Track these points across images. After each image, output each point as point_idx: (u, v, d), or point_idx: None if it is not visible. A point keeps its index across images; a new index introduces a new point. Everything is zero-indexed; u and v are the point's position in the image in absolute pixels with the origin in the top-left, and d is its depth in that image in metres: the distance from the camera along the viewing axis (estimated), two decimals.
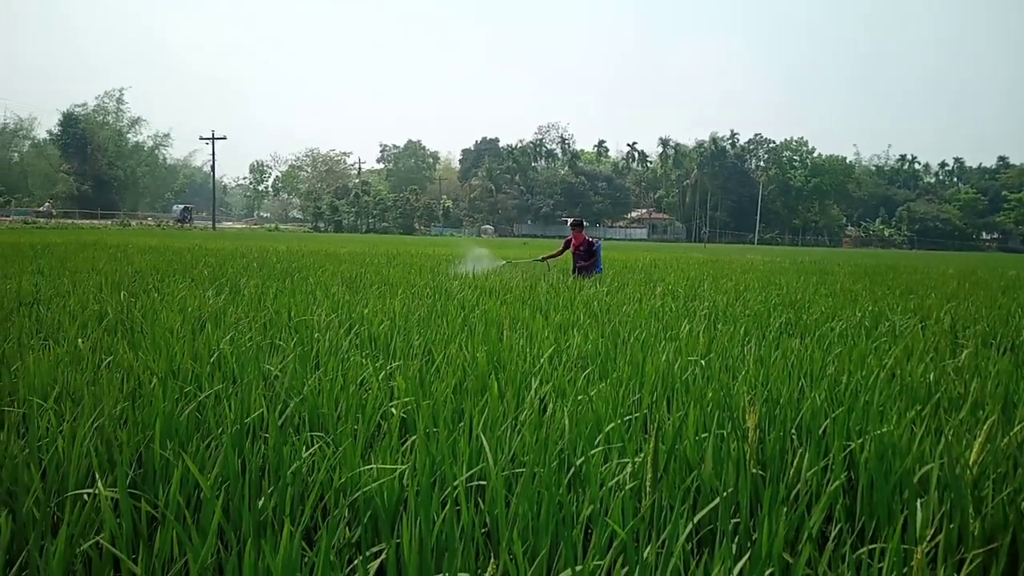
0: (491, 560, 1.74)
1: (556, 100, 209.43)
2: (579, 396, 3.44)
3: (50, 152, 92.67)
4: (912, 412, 3.13)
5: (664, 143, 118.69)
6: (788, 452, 2.80)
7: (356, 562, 1.98)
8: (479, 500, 2.45)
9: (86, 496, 2.28)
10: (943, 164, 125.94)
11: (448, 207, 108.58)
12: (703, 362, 4.32)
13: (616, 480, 2.49)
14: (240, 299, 7.18)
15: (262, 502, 2.22)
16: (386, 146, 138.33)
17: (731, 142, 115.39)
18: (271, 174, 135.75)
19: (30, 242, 19.21)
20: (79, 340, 4.57)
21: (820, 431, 2.96)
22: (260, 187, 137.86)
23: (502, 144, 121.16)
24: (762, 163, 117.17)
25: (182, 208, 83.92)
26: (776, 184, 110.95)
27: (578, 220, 12.66)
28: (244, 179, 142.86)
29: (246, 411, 3.08)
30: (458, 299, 7.66)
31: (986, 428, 2.44)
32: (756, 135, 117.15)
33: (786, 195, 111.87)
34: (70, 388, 3.41)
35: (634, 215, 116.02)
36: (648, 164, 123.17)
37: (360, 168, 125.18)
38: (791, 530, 2.21)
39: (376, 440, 3.00)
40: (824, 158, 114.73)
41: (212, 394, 3.28)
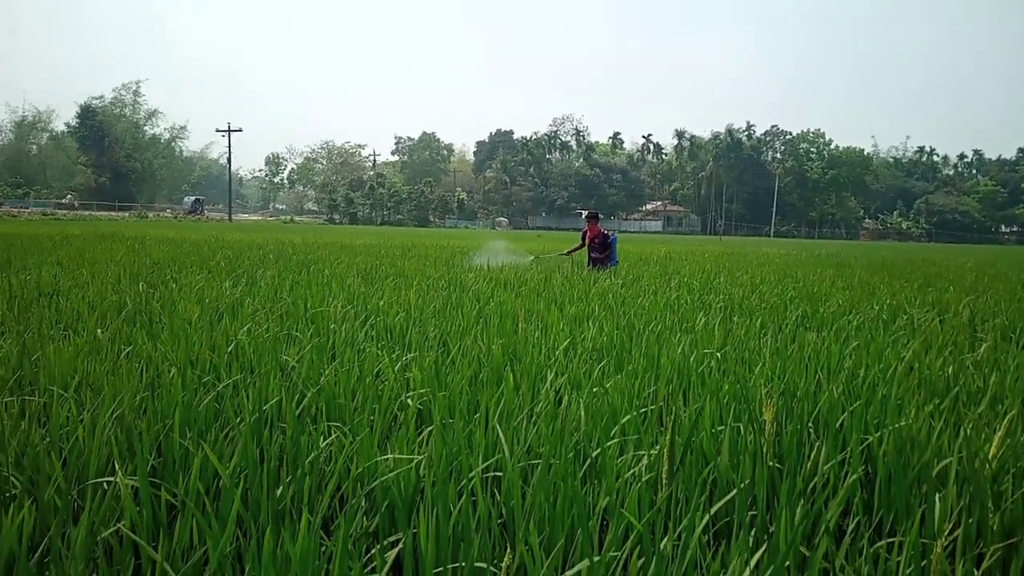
0: (507, 551, 1.75)
1: (571, 92, 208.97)
2: (594, 388, 3.44)
3: (68, 144, 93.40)
4: (930, 406, 3.10)
5: (679, 135, 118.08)
6: (805, 445, 2.79)
7: (374, 551, 1.99)
8: (495, 491, 2.46)
9: (106, 485, 2.31)
10: (962, 156, 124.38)
11: (462, 199, 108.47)
12: (719, 355, 4.30)
13: (632, 472, 2.49)
14: (257, 290, 7.22)
15: (280, 491, 2.24)
16: (401, 138, 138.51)
17: (747, 134, 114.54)
18: (286, 166, 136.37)
19: (48, 233, 19.39)
20: (98, 330, 4.61)
21: (838, 424, 2.94)
22: (275, 179, 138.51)
23: (516, 136, 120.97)
24: (778, 155, 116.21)
25: (193, 200, 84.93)
26: (792, 176, 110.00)
27: (593, 212, 12.70)
28: (260, 171, 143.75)
29: (264, 400, 3.10)
30: (473, 291, 7.67)
31: (1006, 422, 2.41)
32: (773, 127, 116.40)
33: (803, 187, 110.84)
34: (90, 378, 3.44)
35: (649, 207, 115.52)
36: (663, 156, 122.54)
37: (375, 160, 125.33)
38: (808, 523, 2.21)
39: (393, 431, 3.01)
40: (841, 150, 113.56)
41: (230, 384, 3.31)
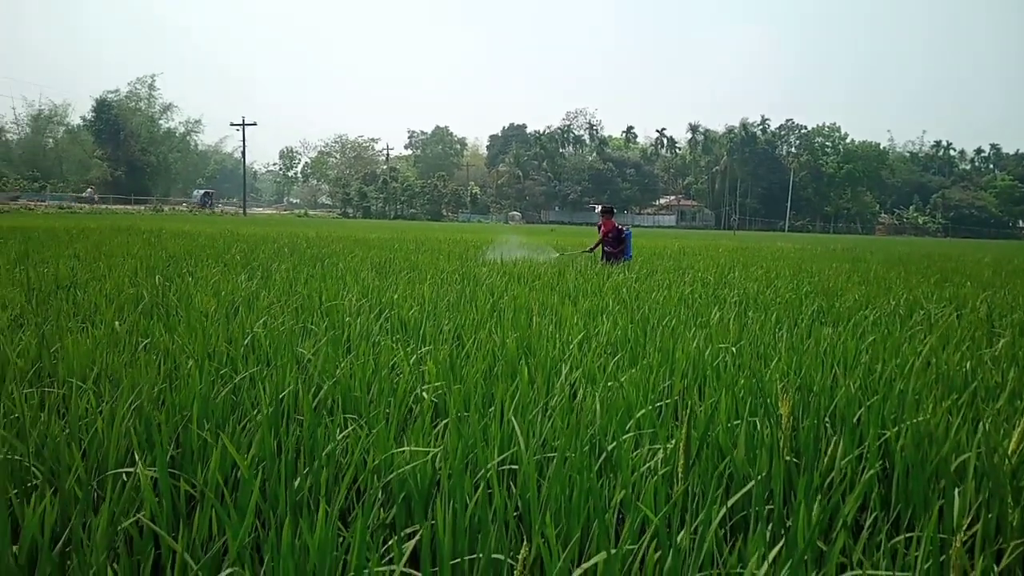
0: (524, 543, 1.75)
1: (584, 86, 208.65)
2: (609, 382, 3.44)
3: (84, 138, 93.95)
4: (948, 401, 3.08)
5: (693, 129, 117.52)
6: (822, 440, 2.77)
7: (391, 543, 2.00)
8: (511, 484, 2.47)
9: (125, 476, 2.33)
10: (979, 150, 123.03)
11: (475, 193, 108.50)
12: (734, 349, 4.29)
13: (648, 466, 2.49)
14: (272, 284, 7.26)
15: (298, 482, 2.25)
16: (414, 132, 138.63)
17: (761, 128, 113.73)
18: (300, 160, 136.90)
19: (65, 227, 19.55)
20: (116, 323, 4.65)
21: (855, 419, 2.93)
22: (289, 173, 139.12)
23: (529, 130, 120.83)
24: (793, 149, 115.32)
25: (203, 193, 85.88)
26: (807, 170, 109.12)
27: (608, 207, 12.83)
28: (274, 165, 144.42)
29: (280, 393, 3.12)
30: (487, 285, 7.68)
31: None
32: (787, 120, 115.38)
33: (818, 181, 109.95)
34: (108, 370, 3.47)
35: (662, 202, 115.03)
36: (677, 150, 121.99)
37: (388, 154, 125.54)
38: (825, 518, 2.20)
39: (408, 423, 3.02)
40: (857, 144, 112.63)
41: (247, 376, 3.33)
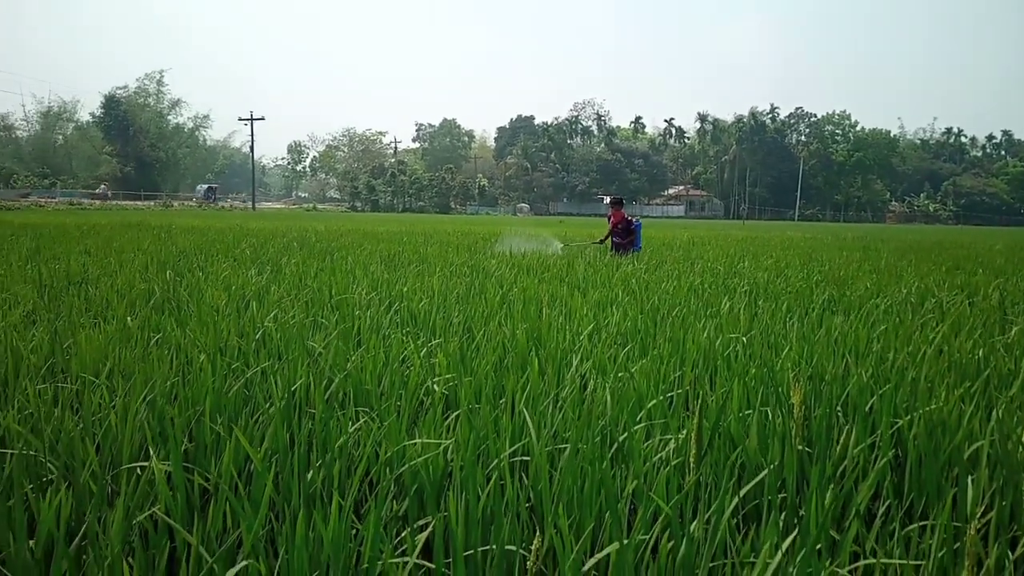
0: (536, 534, 1.75)
1: (592, 77, 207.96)
2: (619, 373, 3.44)
3: (93, 134, 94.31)
4: (961, 389, 3.07)
5: (702, 118, 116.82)
6: (834, 429, 2.77)
7: (404, 534, 2.01)
8: (523, 475, 2.47)
9: (139, 470, 2.35)
10: (990, 137, 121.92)
11: (484, 186, 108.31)
12: (745, 339, 4.28)
13: (659, 456, 2.49)
14: (282, 278, 7.28)
15: (311, 475, 2.26)
16: (421, 125, 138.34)
17: (771, 116, 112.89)
18: (308, 154, 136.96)
19: (76, 223, 19.64)
20: (128, 318, 4.67)
21: (867, 408, 2.91)
22: (298, 167, 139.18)
23: (537, 122, 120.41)
24: (803, 137, 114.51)
25: (206, 188, 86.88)
26: (817, 159, 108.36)
27: (617, 198, 12.88)
28: (282, 159, 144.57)
29: (292, 386, 3.13)
30: (496, 277, 7.68)
31: None
32: (797, 109, 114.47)
33: (828, 170, 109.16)
34: (121, 365, 3.49)
35: (671, 192, 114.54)
36: (686, 140, 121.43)
37: (396, 147, 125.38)
38: (837, 507, 2.19)
39: (419, 416, 3.03)
40: (867, 132, 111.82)
41: (259, 370, 3.34)
